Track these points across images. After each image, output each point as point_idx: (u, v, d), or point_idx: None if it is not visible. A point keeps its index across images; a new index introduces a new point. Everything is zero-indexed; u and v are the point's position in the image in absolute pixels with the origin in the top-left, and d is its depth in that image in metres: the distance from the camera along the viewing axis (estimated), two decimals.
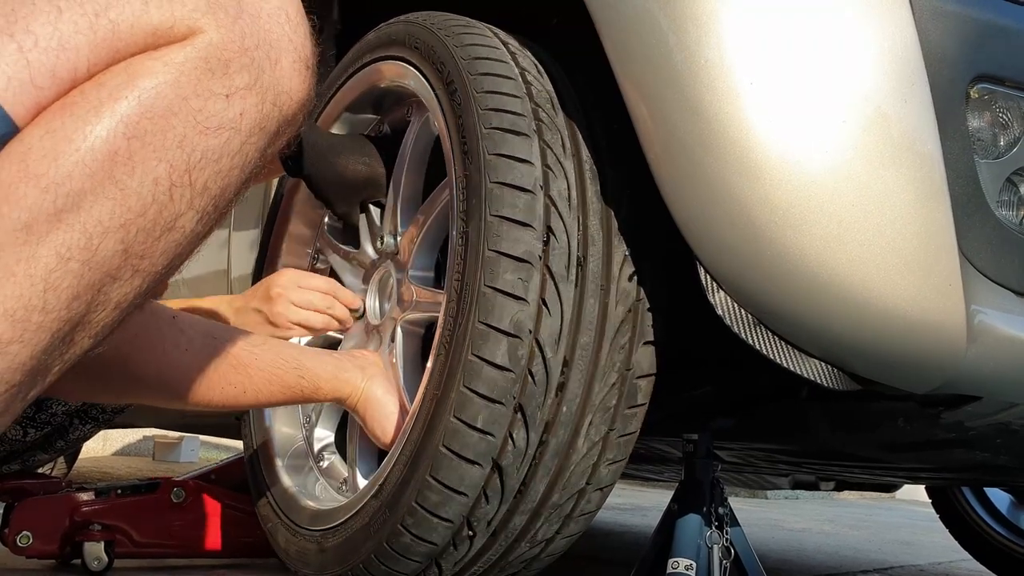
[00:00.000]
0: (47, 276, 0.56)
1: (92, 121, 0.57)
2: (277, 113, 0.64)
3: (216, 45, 0.60)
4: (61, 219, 0.56)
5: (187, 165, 0.60)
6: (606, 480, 1.22)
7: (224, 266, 2.10)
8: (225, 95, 0.61)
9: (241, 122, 0.62)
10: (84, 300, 0.58)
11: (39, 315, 0.56)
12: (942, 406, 1.17)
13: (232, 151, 0.62)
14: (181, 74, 0.59)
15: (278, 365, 1.23)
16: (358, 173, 1.49)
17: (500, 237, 1.12)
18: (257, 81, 0.62)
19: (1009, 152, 1.07)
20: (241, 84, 0.61)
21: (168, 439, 5.69)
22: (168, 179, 0.59)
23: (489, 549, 1.21)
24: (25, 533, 1.60)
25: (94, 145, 0.57)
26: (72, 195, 0.56)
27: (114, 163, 0.57)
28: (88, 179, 0.56)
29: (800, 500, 5.80)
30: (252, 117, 0.62)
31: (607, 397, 1.17)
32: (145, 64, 0.59)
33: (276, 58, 0.63)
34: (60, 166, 0.56)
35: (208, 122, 0.60)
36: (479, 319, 1.11)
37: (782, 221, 1.01)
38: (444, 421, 1.12)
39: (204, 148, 0.60)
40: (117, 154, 0.57)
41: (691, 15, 1.04)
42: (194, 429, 3.56)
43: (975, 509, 2.61)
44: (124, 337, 0.98)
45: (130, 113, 0.58)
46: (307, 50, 0.66)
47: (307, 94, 0.66)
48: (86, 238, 0.57)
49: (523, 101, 1.19)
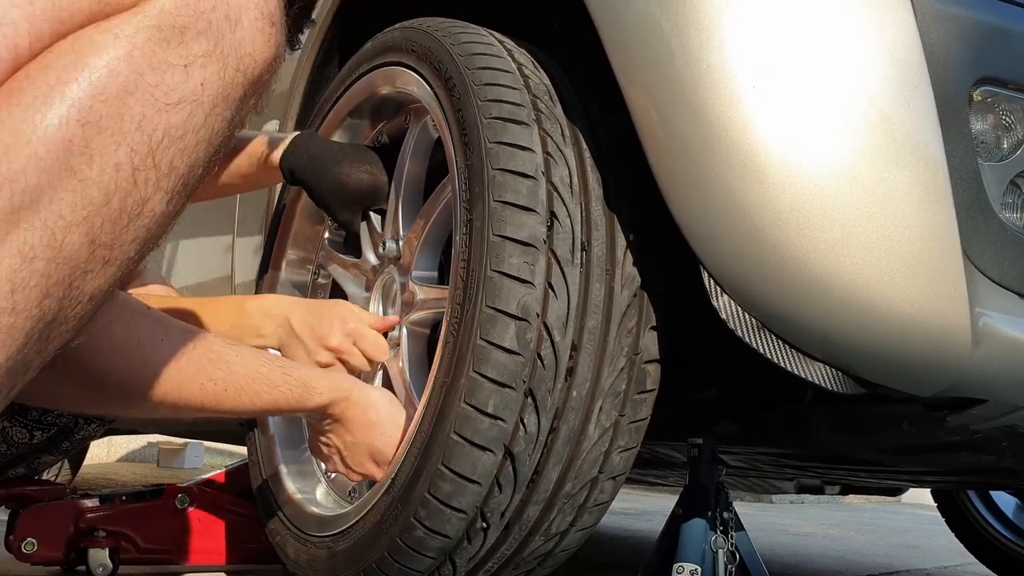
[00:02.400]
0: (12, 277, 0.53)
1: (41, 109, 0.53)
2: (242, 78, 0.60)
3: (168, 11, 0.56)
4: (20, 217, 0.53)
5: (149, 146, 0.56)
6: (618, 468, 1.22)
7: (228, 272, 2.10)
8: (183, 65, 0.56)
9: (203, 93, 0.58)
10: (55, 297, 0.55)
11: (9, 317, 0.53)
12: (947, 409, 1.16)
13: (196, 125, 0.58)
14: (133, 47, 0.55)
15: (262, 362, 1.13)
16: (360, 182, 1.49)
17: (504, 222, 1.12)
18: (217, 46, 0.58)
19: (1013, 155, 1.07)
20: (199, 51, 0.57)
21: (172, 445, 5.69)
22: (130, 163, 0.56)
23: (503, 543, 1.20)
24: (30, 540, 1.60)
25: (46, 135, 0.53)
26: (28, 191, 0.53)
27: (70, 153, 0.54)
28: (44, 173, 0.53)
29: (805, 504, 5.79)
30: (215, 86, 0.58)
31: (617, 382, 1.17)
32: (94, 38, 0.55)
33: (236, 18, 0.59)
34: (12, 161, 0.52)
35: (167, 97, 0.56)
36: (486, 303, 1.11)
37: (785, 224, 1.01)
38: (455, 408, 1.12)
39: (166, 126, 0.56)
40: (72, 143, 0.54)
41: (693, 19, 1.05)
42: (199, 435, 3.56)
43: (981, 513, 2.60)
44: (97, 329, 0.92)
45: (82, 97, 0.54)
46: (271, 5, 0.61)
47: (274, 52, 0.62)
48: (49, 234, 0.54)
49: (521, 92, 1.20)
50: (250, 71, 0.60)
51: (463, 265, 1.16)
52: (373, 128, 1.57)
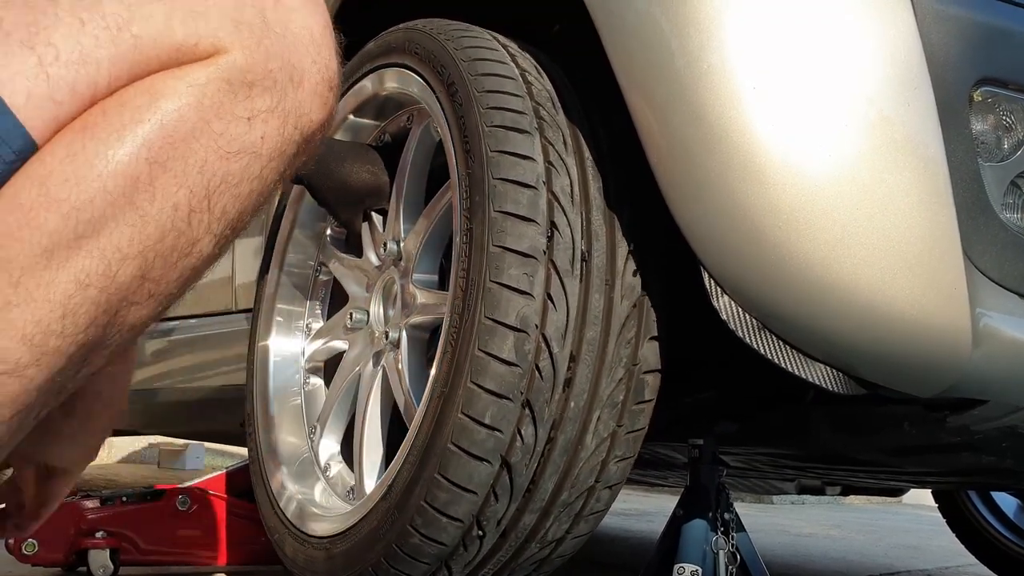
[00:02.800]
0: (66, 302, 0.55)
1: (114, 145, 0.55)
2: (298, 136, 0.62)
3: (240, 66, 0.59)
4: (81, 245, 0.55)
5: (207, 191, 0.58)
6: (615, 478, 1.22)
7: (228, 273, 2.10)
8: (247, 118, 0.59)
9: (262, 146, 0.60)
10: (100, 324, 0.57)
11: (56, 340, 0.55)
12: (947, 410, 1.16)
13: (252, 176, 0.60)
14: (204, 96, 0.58)
15: None
16: (363, 181, 1.49)
17: (504, 232, 1.12)
18: (279, 104, 0.60)
19: (1013, 155, 1.07)
20: (263, 107, 0.60)
21: (173, 446, 5.69)
22: (188, 205, 0.58)
23: (499, 550, 1.20)
24: (31, 541, 1.60)
25: (116, 171, 0.55)
26: (93, 222, 0.55)
27: (135, 189, 0.56)
28: (109, 206, 0.55)
29: (806, 505, 5.78)
30: (273, 141, 0.61)
31: (615, 392, 1.16)
32: (168, 84, 0.57)
33: (299, 80, 0.61)
34: (82, 192, 0.55)
35: (229, 146, 0.59)
36: (485, 314, 1.11)
37: (786, 225, 1.01)
38: (452, 418, 1.12)
39: (224, 173, 0.59)
40: (139, 180, 0.56)
41: (694, 20, 1.05)
42: (200, 436, 3.56)
43: (982, 513, 2.60)
44: None
45: (152, 137, 0.56)
46: (331, 71, 0.64)
47: (328, 115, 0.65)
48: (105, 264, 0.56)
49: (524, 100, 1.20)
50: (306, 130, 0.63)
51: (462, 274, 1.16)
52: (375, 127, 1.57)
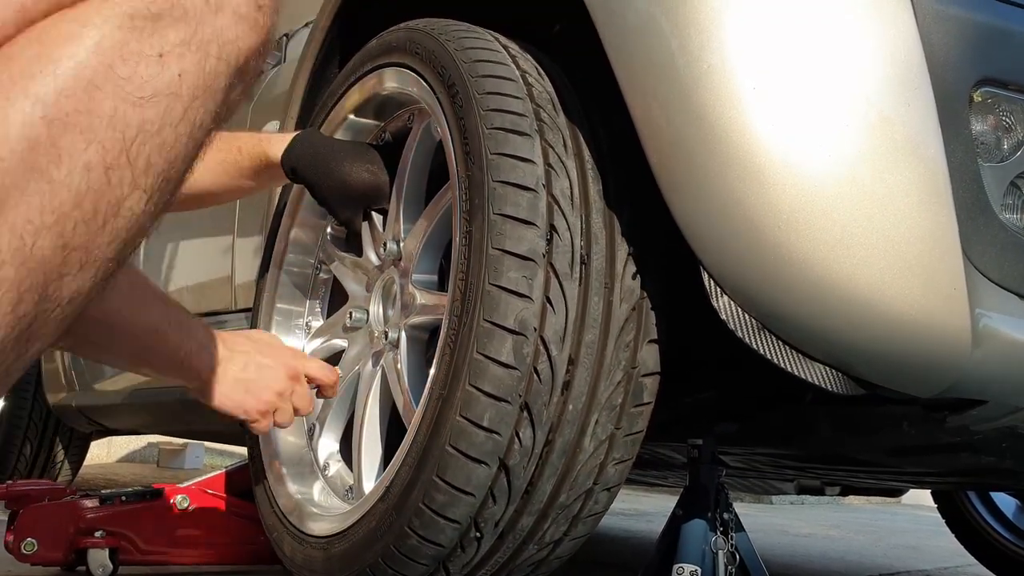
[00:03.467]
0: None
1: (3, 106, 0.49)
2: (225, 67, 0.56)
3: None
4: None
5: (123, 144, 0.52)
6: (613, 480, 1.22)
7: (228, 272, 2.10)
8: (158, 55, 0.52)
9: (181, 85, 0.53)
10: (30, 302, 0.52)
11: None
12: (947, 410, 1.16)
13: (174, 119, 0.54)
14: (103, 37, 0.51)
15: None
16: (362, 180, 1.49)
17: (504, 235, 1.12)
18: (196, 34, 0.54)
19: (1013, 156, 1.07)
20: (176, 40, 0.53)
21: (173, 446, 5.69)
22: (102, 162, 0.52)
23: (497, 551, 1.20)
24: (30, 540, 1.60)
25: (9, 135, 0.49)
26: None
27: (35, 154, 0.50)
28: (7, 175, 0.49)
29: (805, 505, 5.79)
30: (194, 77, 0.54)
31: (613, 395, 1.16)
32: (59, 28, 0.50)
33: (217, 3, 0.55)
34: None
35: (141, 91, 0.52)
36: (484, 317, 1.11)
37: (786, 225, 1.01)
38: (450, 420, 1.12)
39: (140, 121, 0.52)
40: (38, 143, 0.50)
41: (694, 20, 1.05)
42: (199, 436, 3.56)
43: (981, 513, 2.60)
44: None
45: (47, 92, 0.50)
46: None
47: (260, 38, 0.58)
48: (18, 240, 0.50)
49: (524, 102, 1.19)
50: (235, 59, 0.56)
51: (461, 277, 1.16)
52: (376, 127, 1.57)
